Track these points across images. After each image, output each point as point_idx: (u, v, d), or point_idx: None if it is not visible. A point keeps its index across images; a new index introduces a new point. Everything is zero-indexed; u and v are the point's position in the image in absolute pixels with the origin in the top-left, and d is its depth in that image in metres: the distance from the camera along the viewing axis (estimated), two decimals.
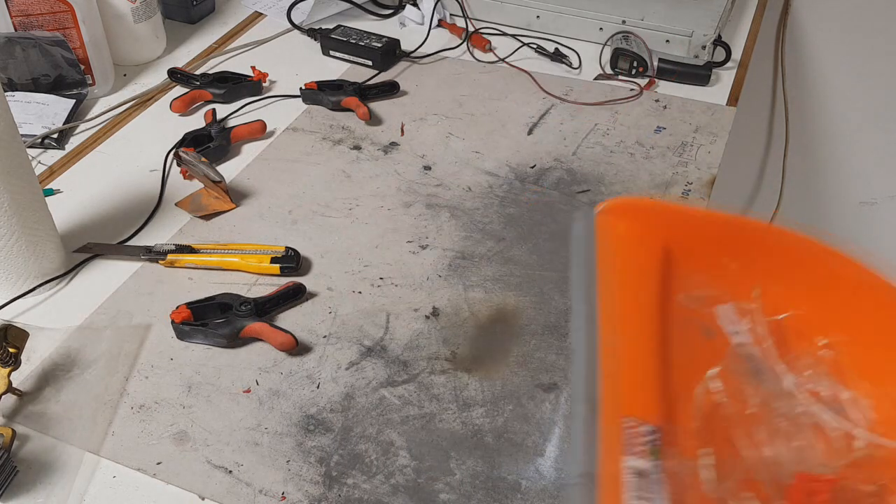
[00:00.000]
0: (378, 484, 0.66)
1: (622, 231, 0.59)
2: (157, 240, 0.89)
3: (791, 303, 0.59)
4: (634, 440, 0.48)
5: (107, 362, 0.75)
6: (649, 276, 0.58)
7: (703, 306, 0.59)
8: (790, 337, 0.58)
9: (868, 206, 1.82)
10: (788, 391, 0.56)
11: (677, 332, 0.57)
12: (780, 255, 0.59)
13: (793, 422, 0.54)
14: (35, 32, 1.06)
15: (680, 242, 0.59)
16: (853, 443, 0.54)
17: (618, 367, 0.52)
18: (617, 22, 1.19)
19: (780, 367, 0.57)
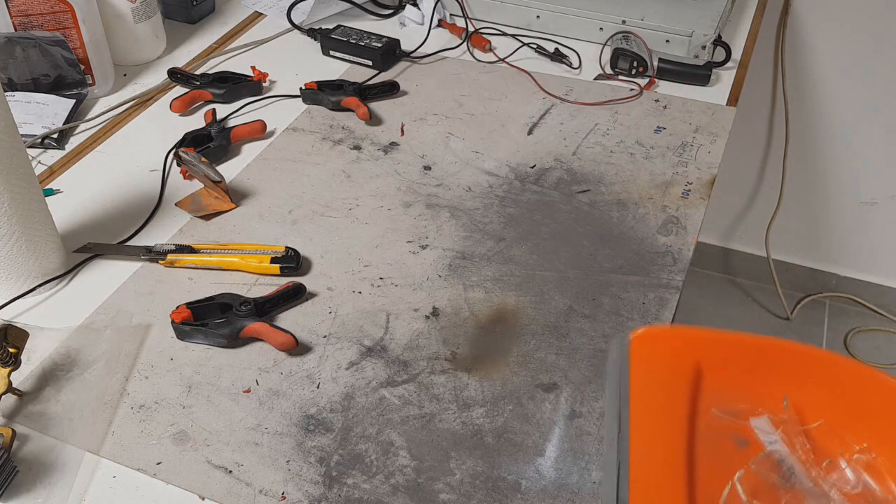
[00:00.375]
0: (378, 484, 0.66)
1: (654, 353, 0.64)
2: (157, 240, 0.89)
3: (821, 412, 0.63)
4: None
5: (107, 362, 0.75)
6: (680, 392, 0.63)
7: (737, 420, 0.63)
8: (824, 444, 0.62)
9: (868, 206, 1.82)
10: (821, 492, 0.59)
11: (710, 443, 0.61)
12: (804, 369, 0.64)
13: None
14: (35, 32, 1.06)
15: (710, 363, 0.64)
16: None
17: (647, 477, 0.57)
18: (617, 22, 1.19)
19: (813, 470, 0.60)
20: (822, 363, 0.64)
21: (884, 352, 1.91)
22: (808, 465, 0.60)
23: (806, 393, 0.63)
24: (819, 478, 0.60)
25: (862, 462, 0.61)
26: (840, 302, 2.00)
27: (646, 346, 0.64)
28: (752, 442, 0.62)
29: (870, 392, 0.62)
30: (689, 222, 0.91)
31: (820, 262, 1.97)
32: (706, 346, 0.65)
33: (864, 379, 0.63)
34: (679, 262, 0.86)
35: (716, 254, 2.04)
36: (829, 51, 1.62)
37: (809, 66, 1.66)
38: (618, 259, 0.86)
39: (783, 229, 1.90)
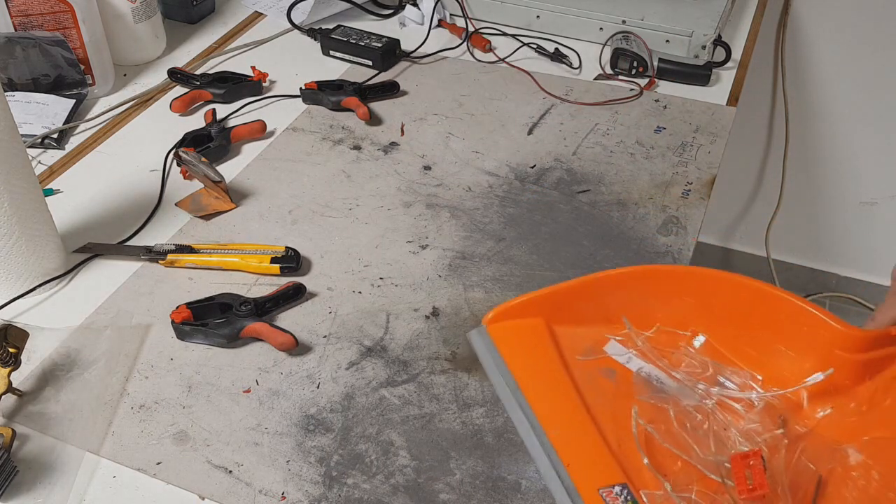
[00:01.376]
0: (378, 484, 0.66)
1: (510, 330, 0.69)
2: (157, 240, 0.89)
3: (650, 319, 0.71)
4: (614, 501, 0.59)
5: (107, 362, 0.75)
6: (548, 354, 0.68)
7: (596, 355, 0.70)
8: (664, 344, 0.70)
9: (868, 205, 1.82)
10: (687, 388, 0.67)
11: (590, 387, 0.67)
12: (626, 289, 0.72)
13: (704, 413, 0.65)
14: (35, 32, 1.06)
15: (556, 317, 0.70)
16: (753, 404, 0.66)
17: (572, 448, 0.62)
18: (617, 22, 1.19)
19: (673, 371, 0.68)
20: (638, 278, 0.72)
21: None
22: (666, 368, 0.68)
23: (636, 310, 0.71)
24: (677, 374, 0.68)
25: (699, 348, 0.70)
26: (840, 302, 2.00)
27: (500, 326, 0.69)
28: (618, 369, 0.69)
29: (679, 286, 0.71)
30: (689, 222, 0.91)
31: (820, 262, 1.97)
32: (546, 304, 0.71)
33: (673, 277, 0.72)
34: (679, 262, 0.86)
35: (716, 254, 2.04)
36: (830, 51, 1.62)
37: (809, 66, 1.66)
38: (618, 259, 0.86)
39: (783, 229, 1.90)
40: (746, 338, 0.69)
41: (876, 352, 0.62)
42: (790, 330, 0.67)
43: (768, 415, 0.65)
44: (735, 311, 0.69)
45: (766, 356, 0.68)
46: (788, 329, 0.67)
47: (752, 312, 0.69)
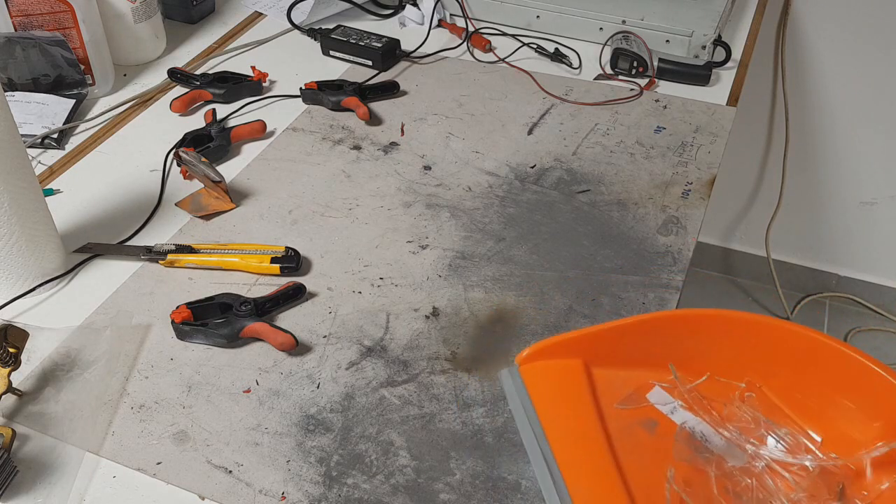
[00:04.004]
0: (378, 484, 0.66)
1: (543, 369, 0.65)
2: (157, 240, 0.89)
3: (702, 368, 0.66)
4: None
5: (107, 362, 0.75)
6: (581, 398, 0.64)
7: (636, 404, 0.65)
8: (714, 395, 0.65)
9: (868, 205, 1.82)
10: (735, 447, 0.62)
11: (625, 438, 0.63)
12: (675, 334, 0.67)
13: (752, 477, 0.60)
14: (35, 32, 1.06)
15: (595, 359, 0.66)
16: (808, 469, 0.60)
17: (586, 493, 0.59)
18: (617, 22, 1.19)
19: (720, 427, 0.63)
20: (688, 323, 0.67)
21: (884, 351, 1.91)
22: (714, 423, 0.63)
23: (684, 355, 0.65)
24: (726, 430, 0.63)
25: (752, 399, 0.65)
26: (840, 302, 2.00)
27: (534, 366, 0.66)
28: (660, 420, 0.64)
29: (733, 332, 0.65)
30: (689, 222, 0.91)
31: (820, 262, 1.97)
32: (586, 345, 0.67)
33: (727, 322, 0.66)
34: (679, 262, 0.86)
35: (716, 254, 2.04)
36: (829, 50, 1.62)
37: (809, 66, 1.66)
38: (618, 259, 0.86)
39: (783, 229, 1.90)
40: (807, 391, 0.63)
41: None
42: (857, 387, 0.61)
43: (824, 482, 0.59)
44: (796, 362, 0.64)
45: (829, 413, 0.62)
46: (855, 386, 0.61)
47: (814, 365, 0.63)
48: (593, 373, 0.66)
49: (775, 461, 0.61)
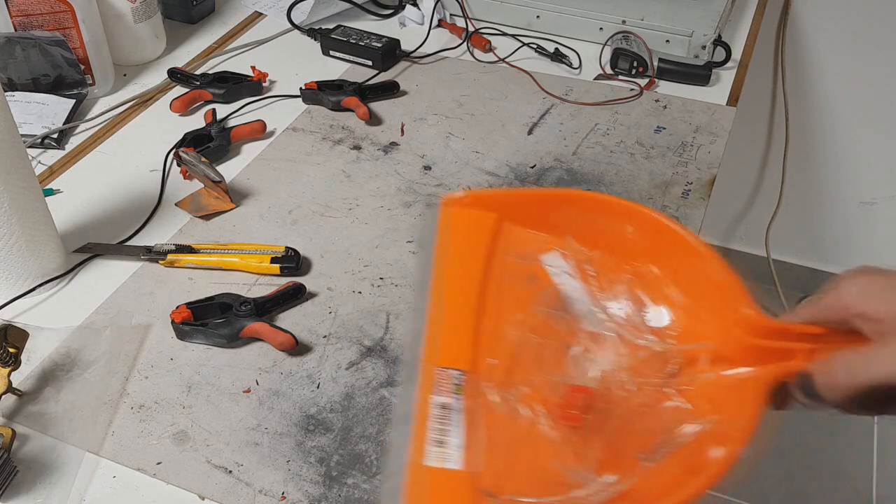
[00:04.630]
0: (378, 484, 0.66)
1: (459, 215, 0.68)
2: (157, 240, 0.89)
3: (601, 246, 0.69)
4: (443, 383, 0.58)
5: (107, 362, 0.75)
6: (478, 246, 0.67)
7: (529, 261, 0.68)
8: (604, 269, 0.68)
9: (868, 205, 1.82)
10: (596, 314, 0.65)
11: (504, 287, 0.66)
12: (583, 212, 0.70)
13: (596, 342, 0.63)
14: (35, 32, 1.06)
15: (512, 214, 0.69)
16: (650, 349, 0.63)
17: (438, 326, 0.62)
18: (617, 22, 1.19)
19: (598, 294, 0.66)
20: (600, 207, 0.70)
21: None
22: (592, 291, 0.66)
23: (587, 230, 0.68)
24: (599, 300, 0.66)
25: (632, 281, 0.67)
26: None
27: (453, 210, 0.68)
28: (541, 277, 0.67)
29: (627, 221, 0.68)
30: (690, 222, 0.91)
31: (820, 261, 1.97)
32: (505, 201, 0.70)
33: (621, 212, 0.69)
34: None
35: None
36: (830, 50, 1.62)
37: (809, 66, 1.66)
38: None
39: (783, 229, 1.90)
40: (683, 286, 0.66)
41: (768, 342, 0.58)
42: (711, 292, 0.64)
43: (660, 361, 0.62)
44: (674, 258, 0.67)
45: (693, 307, 0.65)
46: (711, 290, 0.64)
47: (687, 264, 0.66)
48: (507, 227, 0.69)
49: (625, 333, 0.64)
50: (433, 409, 0.57)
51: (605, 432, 0.59)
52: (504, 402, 0.60)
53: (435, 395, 0.58)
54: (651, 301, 0.67)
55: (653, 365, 0.63)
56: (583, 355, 0.63)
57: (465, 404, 0.58)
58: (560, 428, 0.58)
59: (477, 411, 0.59)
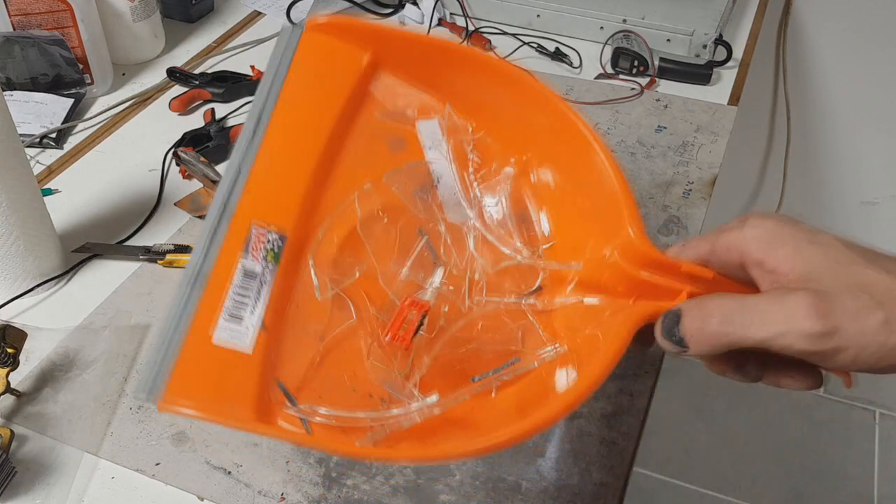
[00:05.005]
0: (378, 485, 0.65)
1: (326, 45, 0.56)
2: (156, 240, 0.88)
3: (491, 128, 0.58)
4: (257, 244, 0.48)
5: (105, 363, 0.75)
6: (338, 89, 0.55)
7: (401, 123, 0.57)
8: (487, 153, 0.57)
9: (870, 205, 1.82)
10: (461, 203, 0.54)
11: (361, 144, 0.55)
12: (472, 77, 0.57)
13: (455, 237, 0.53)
14: (33, 31, 1.06)
15: (392, 64, 0.57)
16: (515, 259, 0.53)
17: (265, 176, 0.51)
18: (618, 21, 1.19)
19: (471, 181, 0.56)
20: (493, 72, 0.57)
21: None
22: (465, 177, 0.56)
23: (478, 106, 0.57)
24: (472, 190, 0.55)
25: (522, 177, 0.57)
26: None
27: (319, 38, 0.56)
28: (411, 145, 0.56)
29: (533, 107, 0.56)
30: (691, 222, 0.90)
31: None
32: (385, 41, 0.57)
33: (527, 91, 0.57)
34: None
35: None
36: (831, 50, 1.62)
37: (811, 66, 1.65)
38: None
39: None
40: (575, 195, 0.55)
41: (651, 275, 0.48)
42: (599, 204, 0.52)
43: (522, 276, 0.52)
44: (567, 154, 0.55)
45: (576, 219, 0.55)
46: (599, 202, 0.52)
47: (580, 164, 0.54)
48: (380, 75, 0.57)
49: (491, 236, 0.54)
50: (236, 274, 0.47)
51: (438, 347, 0.50)
52: (325, 287, 0.50)
53: (242, 258, 0.48)
54: (532, 204, 0.56)
55: (513, 278, 0.53)
56: (434, 249, 0.53)
57: (277, 277, 0.48)
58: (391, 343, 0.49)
59: (290, 289, 0.49)
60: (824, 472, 1.72)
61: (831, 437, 1.80)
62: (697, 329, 0.43)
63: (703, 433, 1.80)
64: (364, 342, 0.49)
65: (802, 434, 1.78)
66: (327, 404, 0.46)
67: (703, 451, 1.76)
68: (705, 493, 1.69)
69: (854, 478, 1.72)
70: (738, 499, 1.68)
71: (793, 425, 1.80)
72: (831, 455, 1.76)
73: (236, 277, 0.47)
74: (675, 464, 1.74)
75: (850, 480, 1.72)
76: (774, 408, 1.84)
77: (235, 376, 0.44)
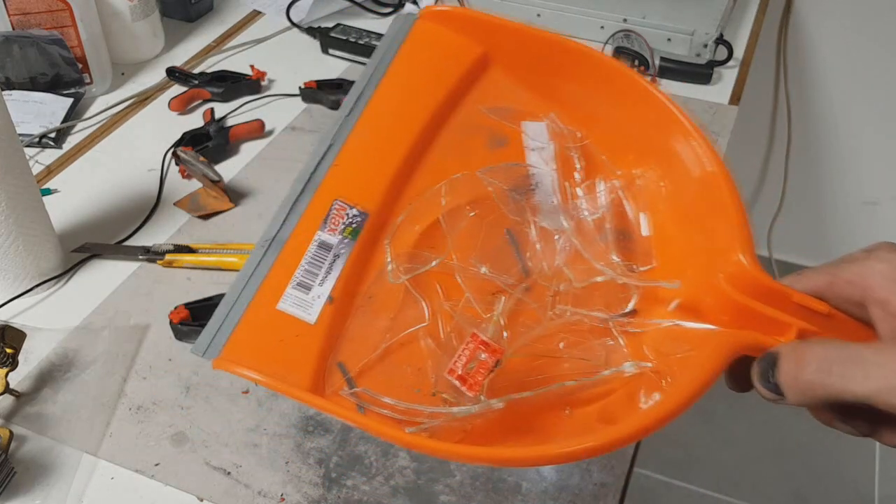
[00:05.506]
0: (378, 485, 0.65)
1: (435, 33, 0.55)
2: (156, 240, 0.88)
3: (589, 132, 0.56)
4: (336, 218, 0.47)
5: (105, 363, 0.74)
6: (443, 78, 0.54)
7: (506, 120, 0.55)
8: (594, 165, 0.55)
9: (871, 205, 1.82)
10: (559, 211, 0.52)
11: (459, 137, 0.53)
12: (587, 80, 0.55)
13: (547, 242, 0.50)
14: (33, 31, 1.05)
15: (505, 58, 0.56)
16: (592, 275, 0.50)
17: (355, 155, 0.50)
18: (618, 20, 1.18)
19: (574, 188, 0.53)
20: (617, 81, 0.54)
21: None
22: (566, 187, 0.53)
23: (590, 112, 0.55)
24: (571, 200, 0.53)
25: (626, 190, 0.53)
26: None
27: (433, 27, 0.55)
28: (512, 145, 0.54)
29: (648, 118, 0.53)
30: None
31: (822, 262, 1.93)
32: (506, 38, 0.56)
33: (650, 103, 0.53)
34: None
35: None
36: (832, 49, 1.62)
37: (812, 65, 1.65)
38: None
39: (785, 229, 1.90)
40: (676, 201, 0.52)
41: (760, 305, 0.45)
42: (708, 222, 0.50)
43: (615, 292, 0.49)
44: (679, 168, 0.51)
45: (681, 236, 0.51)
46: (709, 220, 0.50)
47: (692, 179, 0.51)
48: (492, 71, 0.55)
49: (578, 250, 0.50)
50: (312, 245, 0.46)
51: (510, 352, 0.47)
52: (398, 273, 0.48)
53: (320, 231, 0.46)
54: (633, 219, 0.52)
55: (604, 294, 0.49)
56: (521, 252, 0.50)
57: (353, 253, 0.46)
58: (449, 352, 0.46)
59: (363, 270, 0.47)
60: (825, 473, 1.72)
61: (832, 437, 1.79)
62: (793, 377, 0.39)
63: (703, 433, 1.79)
64: (429, 345, 0.47)
65: (803, 434, 1.77)
66: (386, 394, 0.44)
67: (704, 452, 1.76)
68: (705, 493, 1.69)
69: (855, 478, 1.72)
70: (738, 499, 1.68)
71: (793, 425, 1.80)
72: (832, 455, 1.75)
73: (311, 248, 0.46)
74: (676, 464, 1.74)
75: (851, 481, 1.72)
76: (775, 408, 1.83)
77: (296, 344, 0.43)
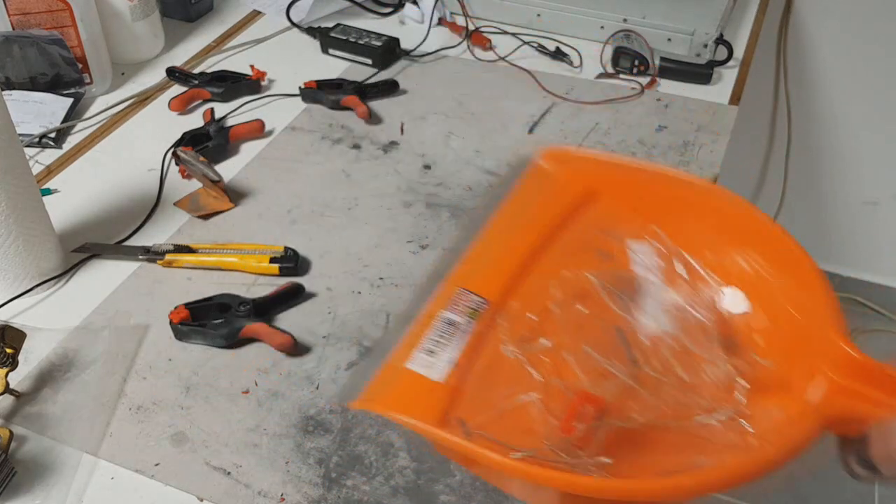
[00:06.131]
0: (378, 485, 0.65)
1: (549, 169, 0.63)
2: (156, 240, 0.88)
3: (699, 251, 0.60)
4: (460, 302, 0.55)
5: (105, 363, 0.74)
6: (556, 205, 0.62)
7: (613, 239, 0.61)
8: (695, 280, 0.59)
9: (871, 205, 1.82)
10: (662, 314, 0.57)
11: (571, 249, 0.60)
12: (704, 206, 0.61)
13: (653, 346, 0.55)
14: (33, 31, 1.05)
15: (615, 193, 0.62)
16: None
17: (478, 259, 0.58)
18: (618, 20, 1.18)
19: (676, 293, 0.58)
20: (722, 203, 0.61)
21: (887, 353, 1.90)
22: (673, 289, 0.57)
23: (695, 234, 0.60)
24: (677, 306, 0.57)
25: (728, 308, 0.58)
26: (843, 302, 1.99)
27: (547, 162, 0.64)
28: (620, 258, 0.59)
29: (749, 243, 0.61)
30: None
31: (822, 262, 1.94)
32: (611, 175, 0.63)
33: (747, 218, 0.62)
34: None
35: None
36: (832, 49, 1.62)
37: (811, 65, 1.65)
38: None
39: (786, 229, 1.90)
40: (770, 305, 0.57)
41: (860, 385, 0.50)
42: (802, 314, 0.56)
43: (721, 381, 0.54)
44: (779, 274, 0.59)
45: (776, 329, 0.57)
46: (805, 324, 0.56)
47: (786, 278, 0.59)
48: (597, 198, 0.62)
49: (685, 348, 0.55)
50: (439, 321, 0.53)
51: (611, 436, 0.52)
52: (513, 348, 0.55)
53: (446, 311, 0.54)
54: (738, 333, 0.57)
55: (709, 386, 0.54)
56: (629, 345, 0.55)
57: (474, 331, 0.54)
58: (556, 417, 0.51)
59: (483, 344, 0.54)
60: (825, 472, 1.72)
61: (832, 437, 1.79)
62: (885, 454, 0.41)
63: None
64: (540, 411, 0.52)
65: None
66: None
67: None
68: None
69: None
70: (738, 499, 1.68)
71: None
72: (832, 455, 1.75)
73: (436, 323, 0.54)
74: None
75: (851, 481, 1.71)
76: None
77: (423, 396, 0.50)
